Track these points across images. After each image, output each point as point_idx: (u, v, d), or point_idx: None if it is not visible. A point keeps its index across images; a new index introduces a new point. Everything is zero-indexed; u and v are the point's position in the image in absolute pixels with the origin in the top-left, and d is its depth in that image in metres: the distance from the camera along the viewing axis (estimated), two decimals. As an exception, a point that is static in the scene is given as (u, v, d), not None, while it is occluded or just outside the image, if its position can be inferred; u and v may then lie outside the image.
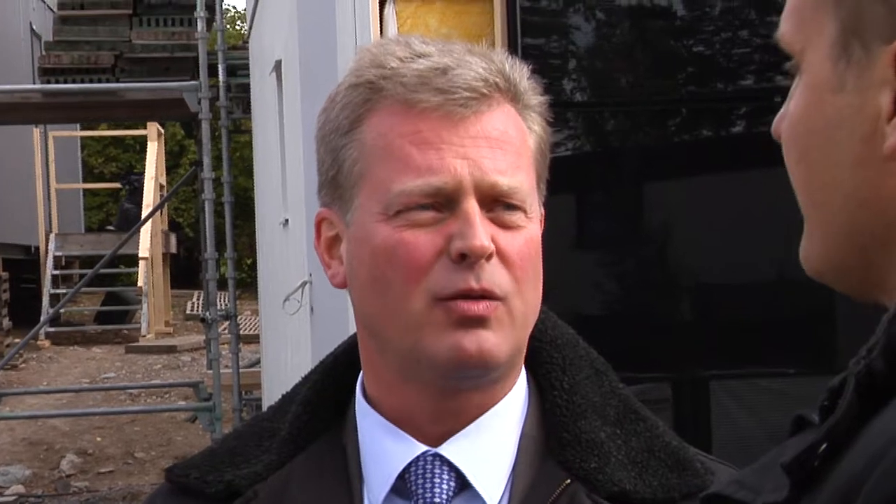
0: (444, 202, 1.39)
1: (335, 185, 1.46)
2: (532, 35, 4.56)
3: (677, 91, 4.85)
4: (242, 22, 25.79)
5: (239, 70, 12.14)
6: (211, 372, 11.57)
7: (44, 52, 13.55)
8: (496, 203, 1.40)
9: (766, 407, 4.81)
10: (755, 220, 4.69)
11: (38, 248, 19.43)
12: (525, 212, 1.42)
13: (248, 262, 20.58)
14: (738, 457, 1.71)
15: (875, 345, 0.95)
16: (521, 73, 1.45)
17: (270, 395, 10.92)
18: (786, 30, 1.07)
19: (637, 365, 4.57)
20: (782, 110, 1.08)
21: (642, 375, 4.59)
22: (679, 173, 4.89)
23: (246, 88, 12.07)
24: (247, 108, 12.39)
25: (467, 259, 1.38)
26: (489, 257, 1.39)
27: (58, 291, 18.12)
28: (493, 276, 1.39)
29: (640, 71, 4.79)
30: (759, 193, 4.66)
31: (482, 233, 1.38)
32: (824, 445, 0.96)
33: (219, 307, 11.81)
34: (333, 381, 1.53)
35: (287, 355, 8.92)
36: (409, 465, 1.44)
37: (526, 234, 1.42)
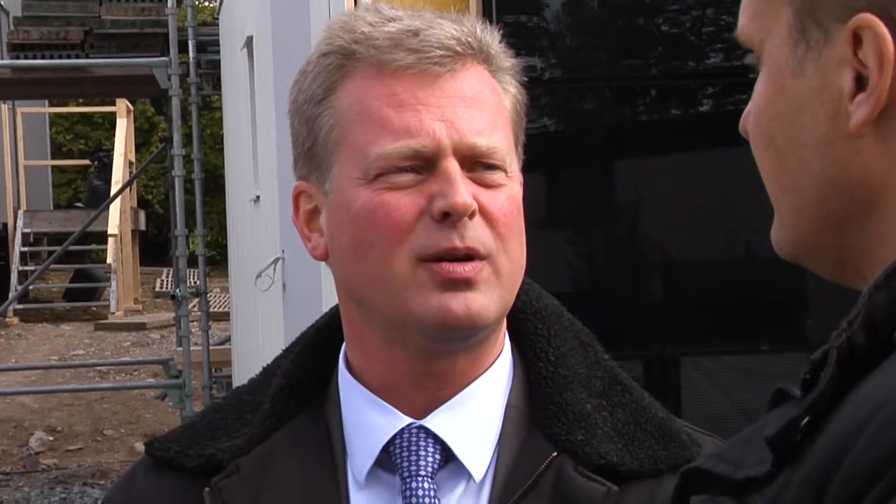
0: (424, 164, 1.39)
1: (311, 155, 1.45)
2: (509, 11, 4.56)
3: (654, 68, 4.85)
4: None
5: (209, 46, 12.06)
6: (181, 349, 11.53)
7: (13, 28, 13.42)
8: (476, 163, 1.40)
9: (735, 384, 4.83)
10: (726, 198, 4.69)
11: (6, 225, 19.29)
12: (505, 171, 1.42)
13: (219, 239, 20.51)
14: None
15: (855, 318, 0.95)
16: (492, 36, 1.45)
17: (240, 372, 10.90)
18: (743, 24, 1.07)
19: (606, 343, 4.57)
20: (748, 107, 1.08)
21: (612, 353, 4.60)
22: (650, 151, 4.89)
23: (216, 65, 12.00)
24: (217, 84, 12.31)
25: (450, 217, 1.37)
26: (472, 215, 1.38)
27: (26, 268, 18.00)
28: (477, 233, 1.38)
29: (617, 48, 4.79)
30: (730, 171, 4.66)
31: (464, 190, 1.38)
32: (807, 419, 0.96)
33: (188, 284, 11.78)
34: (316, 353, 1.51)
35: (258, 332, 8.91)
36: (394, 437, 1.42)
37: (507, 192, 1.42)
